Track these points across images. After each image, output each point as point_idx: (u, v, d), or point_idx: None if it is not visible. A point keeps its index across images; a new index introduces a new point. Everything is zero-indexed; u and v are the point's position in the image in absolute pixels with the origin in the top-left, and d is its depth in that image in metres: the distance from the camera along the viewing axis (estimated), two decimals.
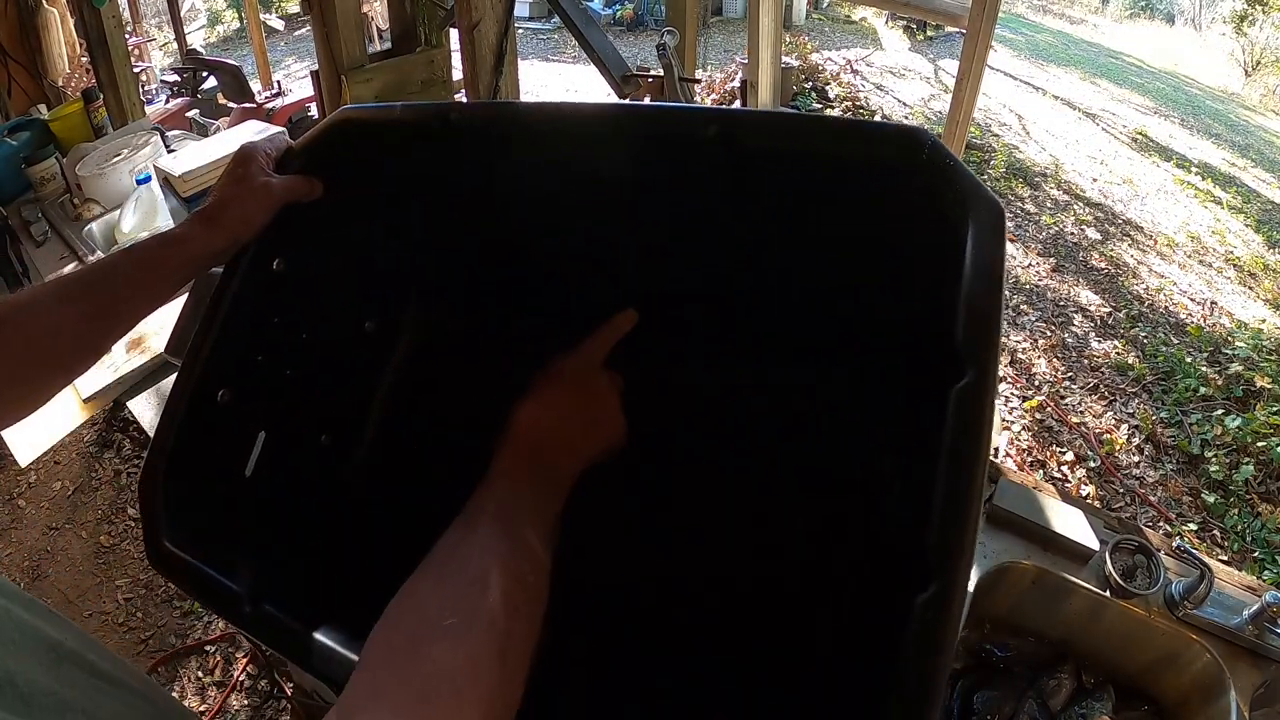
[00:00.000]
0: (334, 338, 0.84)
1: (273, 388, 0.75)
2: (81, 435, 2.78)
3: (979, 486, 0.44)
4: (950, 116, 2.02)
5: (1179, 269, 4.39)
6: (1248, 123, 8.18)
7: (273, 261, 0.73)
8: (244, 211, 0.70)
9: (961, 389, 0.46)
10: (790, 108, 3.88)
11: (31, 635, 0.42)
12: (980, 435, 0.45)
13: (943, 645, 0.42)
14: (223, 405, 0.69)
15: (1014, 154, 5.53)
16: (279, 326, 0.75)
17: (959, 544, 0.43)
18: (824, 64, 6.23)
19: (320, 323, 0.80)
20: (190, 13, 10.45)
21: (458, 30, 2.11)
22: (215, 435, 0.69)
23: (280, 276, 0.74)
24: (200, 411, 0.67)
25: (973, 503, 0.44)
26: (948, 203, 0.53)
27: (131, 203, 1.82)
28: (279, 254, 0.74)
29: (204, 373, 0.67)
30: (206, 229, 0.68)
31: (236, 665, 2.06)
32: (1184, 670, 0.90)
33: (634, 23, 9.55)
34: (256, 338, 0.73)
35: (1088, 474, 2.83)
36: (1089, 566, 0.96)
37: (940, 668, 0.41)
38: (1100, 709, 0.92)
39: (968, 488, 0.44)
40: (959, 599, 0.42)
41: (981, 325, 0.48)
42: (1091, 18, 13.69)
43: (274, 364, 0.75)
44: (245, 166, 0.71)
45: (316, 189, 0.74)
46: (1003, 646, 0.99)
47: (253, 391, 0.72)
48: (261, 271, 0.72)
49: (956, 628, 0.43)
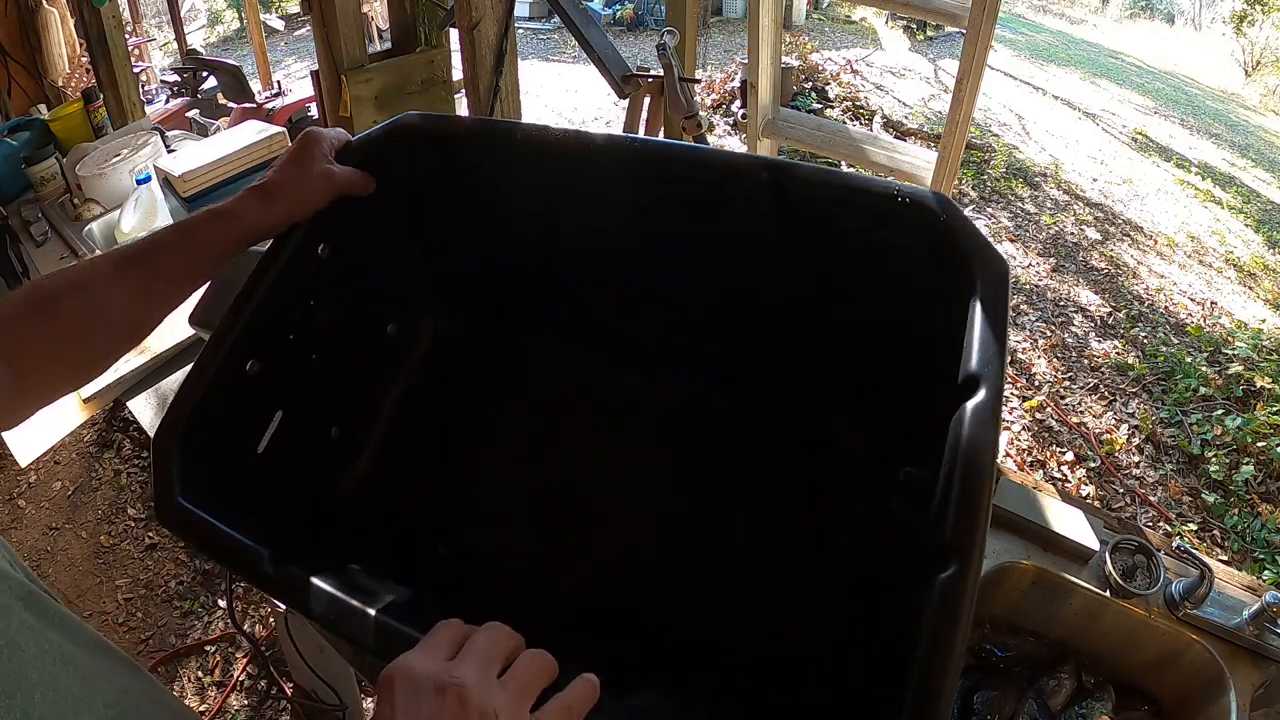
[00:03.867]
0: (358, 333, 0.84)
1: (297, 370, 0.76)
2: (81, 435, 2.78)
3: (989, 495, 0.47)
4: (950, 116, 2.02)
5: (1179, 269, 4.39)
6: (1248, 123, 8.18)
7: (319, 246, 0.74)
8: (301, 192, 0.71)
9: (975, 405, 0.50)
10: (790, 108, 3.87)
11: (96, 687, 0.42)
12: (990, 447, 0.48)
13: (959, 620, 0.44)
14: (250, 376, 0.69)
15: (1014, 154, 5.53)
16: (313, 311, 0.76)
17: (971, 536, 0.46)
18: (824, 64, 6.22)
19: (349, 316, 0.81)
20: (190, 13, 10.46)
21: (458, 30, 2.11)
22: (237, 404, 0.68)
23: (322, 262, 0.75)
24: (228, 377, 0.67)
25: (985, 504, 0.46)
26: (959, 257, 0.59)
27: (131, 203, 1.82)
28: (326, 240, 0.75)
29: (239, 340, 0.68)
30: (263, 204, 0.69)
31: (236, 665, 2.06)
32: (1184, 670, 0.90)
33: (634, 23, 9.54)
34: (292, 317, 0.74)
35: (1088, 474, 2.83)
36: (1089, 566, 0.96)
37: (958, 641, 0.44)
38: (1100, 709, 0.92)
39: (978, 495, 0.47)
40: (974, 580, 0.45)
41: (989, 346, 0.52)
42: (1091, 18, 13.69)
43: (303, 347, 0.76)
44: (308, 150, 0.72)
45: (370, 185, 0.75)
46: (1003, 646, 0.99)
47: (279, 369, 0.72)
48: (308, 253, 0.73)
49: (972, 605, 0.45)
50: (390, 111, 2.27)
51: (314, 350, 0.77)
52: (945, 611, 0.44)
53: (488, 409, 0.89)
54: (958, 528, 0.46)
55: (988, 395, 0.50)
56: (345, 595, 0.53)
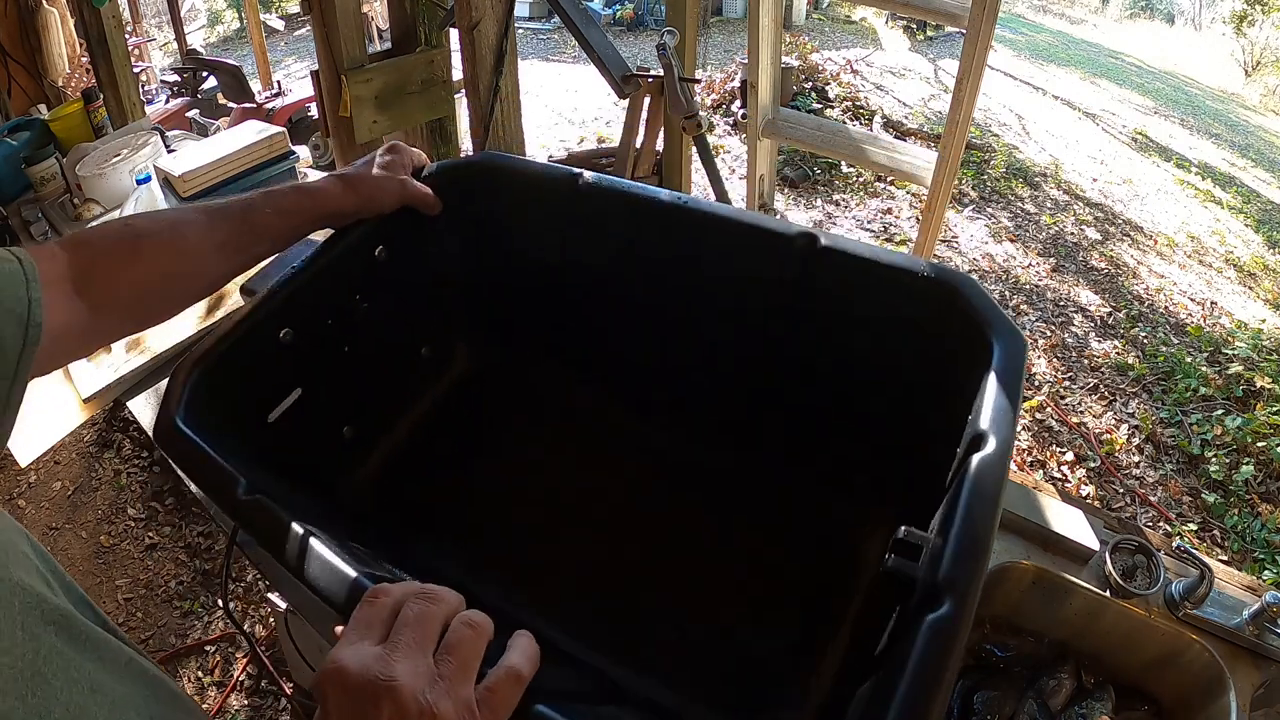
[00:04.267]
0: (392, 342, 0.87)
1: (327, 355, 0.77)
2: (81, 435, 2.78)
3: (990, 537, 0.48)
4: (950, 116, 2.02)
5: (1179, 269, 4.39)
6: (1248, 123, 8.18)
7: (376, 248, 0.78)
8: (379, 190, 0.76)
9: (984, 456, 0.52)
10: (790, 108, 3.87)
11: (124, 717, 0.41)
12: (996, 494, 0.49)
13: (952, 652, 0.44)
14: (281, 343, 0.71)
15: (1014, 154, 5.53)
16: (356, 304, 0.79)
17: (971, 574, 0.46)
18: (824, 64, 6.22)
19: (387, 321, 0.83)
20: (190, 13, 10.45)
21: (458, 30, 2.10)
22: (262, 362, 0.70)
23: (377, 264, 0.79)
24: (259, 335, 0.68)
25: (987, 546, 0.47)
26: (978, 332, 0.62)
27: (131, 203, 1.82)
28: (386, 244, 0.79)
29: (282, 306, 0.70)
30: (343, 190, 0.74)
31: (236, 665, 2.06)
32: (1184, 670, 0.90)
33: (634, 23, 9.54)
34: (336, 303, 0.77)
35: (1088, 474, 2.83)
36: (1089, 566, 0.96)
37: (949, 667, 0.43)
38: (1100, 709, 0.92)
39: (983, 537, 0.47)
40: (968, 618, 0.45)
41: (1002, 409, 0.54)
42: (1091, 18, 13.69)
43: (338, 335, 0.78)
44: (392, 156, 0.79)
45: (437, 207, 0.80)
46: (1003, 646, 0.99)
47: (310, 347, 0.74)
48: (367, 249, 0.78)
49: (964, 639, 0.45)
50: (390, 111, 2.27)
51: (348, 343, 0.79)
52: (935, 649, 0.43)
53: (502, 443, 0.90)
54: (956, 566, 0.45)
55: (997, 449, 0.51)
56: (318, 543, 0.52)
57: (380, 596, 0.41)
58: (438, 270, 0.88)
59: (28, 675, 0.37)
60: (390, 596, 0.41)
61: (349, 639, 0.39)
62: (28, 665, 0.37)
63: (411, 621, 0.39)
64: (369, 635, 0.39)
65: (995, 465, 0.50)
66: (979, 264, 4.19)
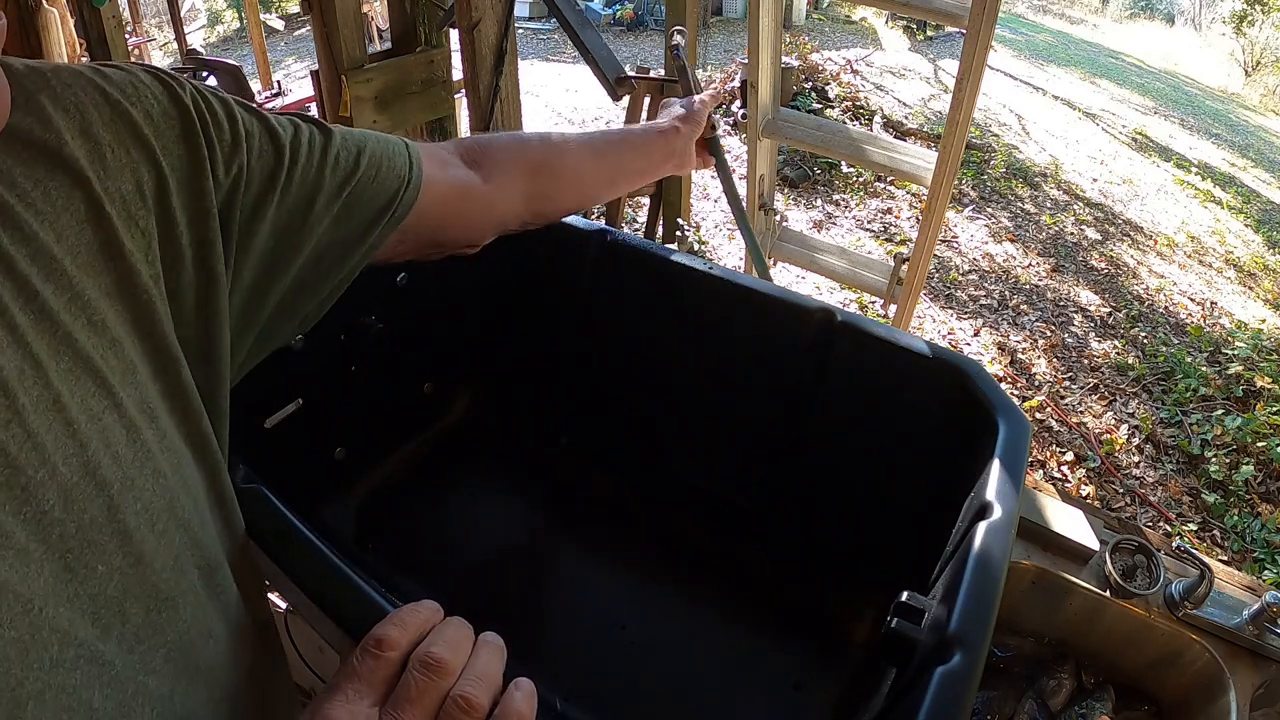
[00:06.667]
0: (398, 375, 0.87)
1: (334, 371, 0.78)
2: None
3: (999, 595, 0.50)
4: (950, 117, 2.02)
5: (1179, 269, 4.39)
6: (1248, 123, 8.18)
7: (399, 274, 0.81)
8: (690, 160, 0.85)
9: (989, 524, 0.54)
10: (790, 108, 3.87)
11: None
12: (1002, 557, 0.52)
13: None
14: (292, 347, 0.70)
15: (1014, 154, 5.53)
16: (368, 326, 0.80)
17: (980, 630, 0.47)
18: (824, 64, 6.22)
19: (396, 354, 0.84)
20: (190, 13, 10.45)
21: (458, 30, 2.11)
22: (267, 364, 0.69)
23: (397, 289, 0.81)
24: None
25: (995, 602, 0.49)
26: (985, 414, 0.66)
27: None
28: (407, 271, 0.81)
29: None
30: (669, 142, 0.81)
31: None
32: (1184, 670, 0.90)
33: (634, 23, 9.54)
34: (349, 320, 0.77)
35: (1088, 474, 2.83)
36: (1089, 566, 0.96)
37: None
38: (1100, 709, 0.92)
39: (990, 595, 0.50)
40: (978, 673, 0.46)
41: (1006, 483, 0.57)
42: (1091, 18, 13.69)
43: (347, 352, 0.79)
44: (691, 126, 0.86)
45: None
46: (1003, 647, 0.99)
47: (318, 360, 0.74)
48: (389, 276, 0.80)
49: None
50: (390, 111, 2.27)
51: (355, 363, 0.79)
52: (947, 697, 0.44)
53: (490, 502, 0.91)
54: (965, 623, 0.47)
55: (1003, 517, 0.53)
56: (317, 542, 0.52)
57: (386, 651, 0.38)
58: (454, 305, 0.88)
59: None
60: (397, 651, 0.38)
61: (345, 694, 0.36)
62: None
63: (414, 697, 0.36)
64: (366, 695, 0.36)
65: (1001, 532, 0.52)
66: (979, 264, 4.19)
